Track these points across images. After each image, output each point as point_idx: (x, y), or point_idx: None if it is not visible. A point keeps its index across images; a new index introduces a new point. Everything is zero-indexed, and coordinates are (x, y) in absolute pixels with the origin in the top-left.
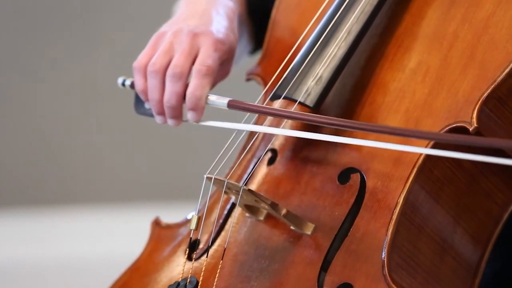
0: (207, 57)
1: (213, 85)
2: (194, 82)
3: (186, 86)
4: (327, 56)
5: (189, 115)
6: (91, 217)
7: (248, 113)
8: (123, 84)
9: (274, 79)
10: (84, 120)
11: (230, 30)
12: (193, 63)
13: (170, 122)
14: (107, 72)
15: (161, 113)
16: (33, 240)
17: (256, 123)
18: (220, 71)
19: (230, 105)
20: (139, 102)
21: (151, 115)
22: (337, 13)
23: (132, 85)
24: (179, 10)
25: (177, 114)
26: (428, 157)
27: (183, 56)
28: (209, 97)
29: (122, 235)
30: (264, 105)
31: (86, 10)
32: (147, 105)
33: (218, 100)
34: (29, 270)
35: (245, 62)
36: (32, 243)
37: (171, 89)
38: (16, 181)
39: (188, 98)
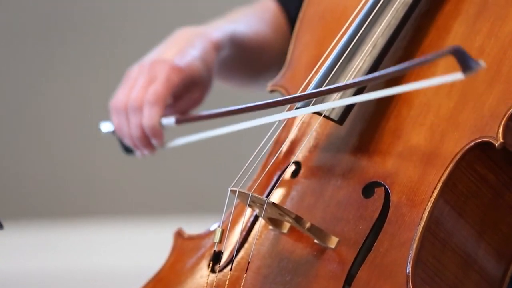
0: (158, 86)
1: (186, 112)
2: (144, 113)
3: None
4: (352, 70)
5: (152, 141)
6: (115, 230)
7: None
8: (107, 131)
9: (299, 92)
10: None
11: (198, 59)
12: None
13: (144, 152)
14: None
15: (135, 146)
16: (54, 253)
17: (279, 137)
18: (188, 98)
19: (178, 121)
20: (122, 142)
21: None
22: (362, 26)
23: (114, 131)
24: (159, 45)
25: (146, 143)
26: (453, 171)
27: (140, 88)
28: (162, 120)
29: (145, 247)
30: (211, 112)
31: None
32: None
33: (167, 121)
34: (51, 283)
35: None
36: (53, 256)
37: (132, 122)
38: (39, 193)
39: (144, 128)
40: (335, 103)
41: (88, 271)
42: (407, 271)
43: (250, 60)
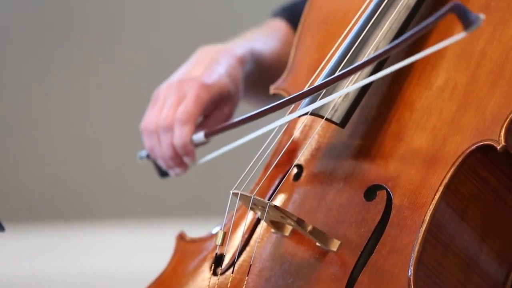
0: (188, 104)
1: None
2: (175, 132)
3: None
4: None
5: (184, 159)
6: (117, 232)
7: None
8: (141, 158)
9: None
10: (109, 134)
11: (225, 75)
12: None
13: (177, 171)
14: (129, 83)
15: (168, 166)
16: (55, 256)
17: (281, 140)
18: (217, 114)
19: (207, 134)
20: (157, 165)
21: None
22: (364, 29)
23: (148, 155)
24: (184, 64)
25: (179, 162)
26: (455, 175)
27: (170, 108)
28: (192, 137)
29: (147, 250)
30: (235, 120)
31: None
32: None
33: (197, 137)
34: (52, 286)
35: None
36: (55, 259)
37: (163, 142)
38: (41, 196)
39: (176, 147)
40: (344, 90)
41: (90, 274)
42: (409, 274)
43: (268, 76)
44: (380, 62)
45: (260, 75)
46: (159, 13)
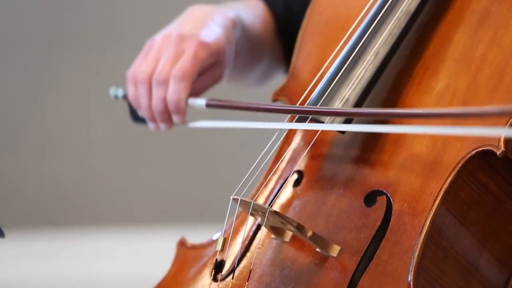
0: (186, 61)
1: (205, 89)
2: (170, 87)
3: None
4: (354, 79)
5: (173, 118)
6: (117, 238)
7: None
8: (116, 97)
9: (301, 101)
10: (111, 139)
11: (222, 35)
12: None
13: (161, 126)
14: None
15: (152, 119)
16: (57, 262)
17: (281, 146)
18: (210, 75)
19: (208, 104)
20: (133, 110)
21: (146, 123)
22: (364, 35)
23: (125, 96)
24: (177, 19)
25: (166, 118)
26: (455, 180)
27: (167, 62)
28: (189, 100)
29: (147, 256)
30: (245, 104)
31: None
32: (140, 113)
33: (196, 102)
34: None
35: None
36: (56, 265)
37: (156, 95)
38: (41, 202)
39: (168, 102)
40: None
41: (91, 280)
42: (409, 279)
43: (249, 47)
44: (384, 61)
45: (244, 44)
46: (161, 15)
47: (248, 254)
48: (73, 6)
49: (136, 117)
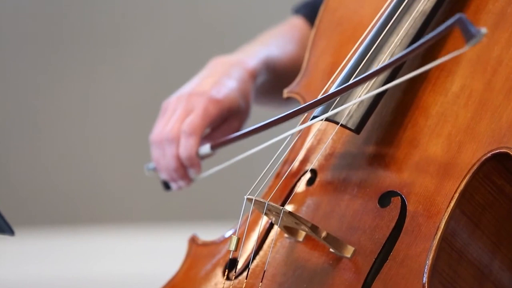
0: (195, 117)
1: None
2: (180, 143)
3: None
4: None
5: (189, 172)
6: (128, 236)
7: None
8: (149, 170)
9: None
10: (119, 137)
11: (235, 90)
12: None
13: (181, 184)
14: (137, 88)
15: (172, 178)
16: (69, 260)
17: (295, 145)
18: (225, 128)
19: (213, 147)
20: (164, 180)
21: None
22: (380, 35)
23: (155, 168)
24: (195, 75)
25: (183, 174)
26: (470, 182)
27: (177, 120)
28: (199, 150)
29: (159, 254)
30: (243, 131)
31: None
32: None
33: (203, 149)
34: None
35: None
36: (66, 263)
37: (168, 153)
38: (51, 200)
39: (181, 158)
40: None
41: (102, 279)
42: (424, 281)
43: (284, 80)
44: (395, 69)
45: (275, 82)
46: (164, 17)
47: (261, 253)
48: (75, 6)
49: (165, 185)
